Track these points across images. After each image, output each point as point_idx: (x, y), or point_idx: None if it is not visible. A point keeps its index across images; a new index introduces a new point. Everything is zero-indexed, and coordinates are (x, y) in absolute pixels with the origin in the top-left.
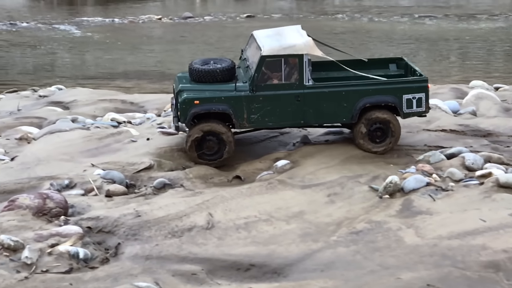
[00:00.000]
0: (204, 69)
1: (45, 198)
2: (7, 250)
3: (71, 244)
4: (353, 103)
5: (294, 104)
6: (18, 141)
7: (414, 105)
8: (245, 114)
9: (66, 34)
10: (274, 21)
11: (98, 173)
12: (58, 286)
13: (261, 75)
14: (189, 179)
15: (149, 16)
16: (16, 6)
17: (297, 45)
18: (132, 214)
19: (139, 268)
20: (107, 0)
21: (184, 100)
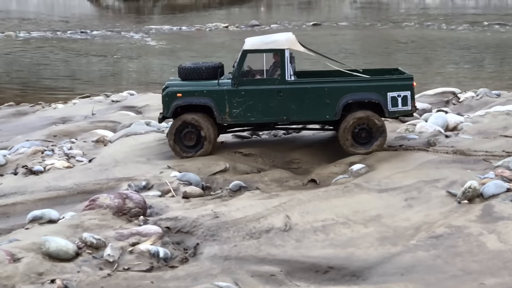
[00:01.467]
0: (190, 67)
1: (124, 198)
2: (89, 248)
3: (151, 243)
4: (336, 100)
5: (276, 99)
6: (95, 143)
7: (400, 103)
8: (227, 108)
9: (135, 42)
10: (340, 29)
11: (175, 175)
12: (140, 284)
13: (244, 69)
14: (264, 182)
15: (216, 24)
16: (86, 15)
17: (278, 40)
18: (210, 215)
19: (218, 268)
20: (173, 9)
21: (167, 93)
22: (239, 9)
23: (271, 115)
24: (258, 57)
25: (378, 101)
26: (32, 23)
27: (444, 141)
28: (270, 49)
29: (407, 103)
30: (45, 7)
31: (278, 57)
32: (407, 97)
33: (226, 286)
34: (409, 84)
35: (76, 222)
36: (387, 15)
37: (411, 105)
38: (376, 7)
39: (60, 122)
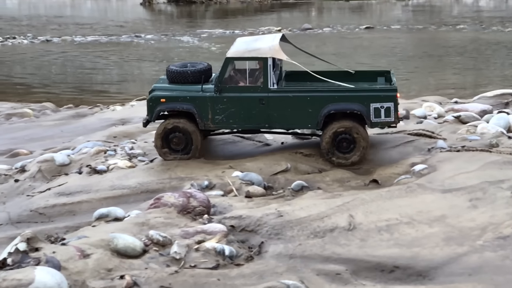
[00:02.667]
0: (176, 70)
1: (189, 197)
2: (156, 245)
3: (216, 241)
4: (318, 110)
5: (258, 107)
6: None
7: (382, 114)
8: (209, 115)
9: (188, 46)
10: (393, 32)
11: (236, 175)
12: (206, 281)
13: (227, 76)
14: (325, 182)
15: (269, 28)
16: (139, 19)
17: (261, 48)
18: (274, 214)
19: (283, 267)
20: (225, 14)
21: (151, 98)
22: (290, 13)
23: (253, 122)
24: (242, 64)
25: (361, 112)
26: (87, 28)
27: (507, 142)
28: (253, 57)
29: (390, 114)
30: (99, 13)
31: (261, 64)
32: (390, 109)
33: (292, 284)
34: (393, 96)
35: (141, 220)
36: (440, 18)
37: (394, 116)
38: (428, 10)
39: (120, 124)
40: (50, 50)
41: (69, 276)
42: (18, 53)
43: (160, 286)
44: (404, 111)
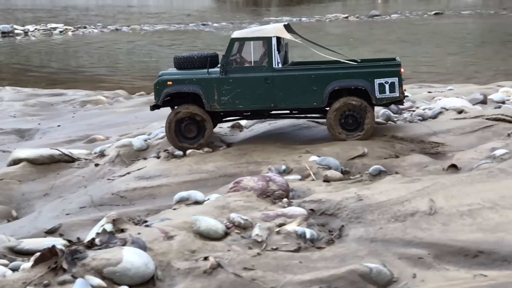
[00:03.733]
0: (183, 56)
1: (268, 181)
2: (238, 228)
3: (297, 224)
4: (322, 87)
5: (263, 86)
6: (230, 129)
7: (387, 90)
8: (215, 96)
9: None
10: (464, 17)
11: (313, 159)
12: (289, 264)
13: (233, 58)
14: (403, 166)
15: (336, 15)
16: (205, 8)
17: (265, 28)
18: (354, 198)
19: (364, 250)
20: (290, 1)
21: (158, 81)
22: (356, 1)
23: (259, 102)
24: (247, 46)
25: (365, 87)
26: (155, 17)
27: None
28: (257, 37)
29: (394, 89)
30: (164, 2)
31: (265, 43)
32: (395, 84)
33: (375, 268)
34: (397, 71)
35: (222, 203)
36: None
37: (399, 91)
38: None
39: None
40: (118, 39)
41: (154, 256)
42: (89, 42)
43: (244, 268)
44: (481, 96)
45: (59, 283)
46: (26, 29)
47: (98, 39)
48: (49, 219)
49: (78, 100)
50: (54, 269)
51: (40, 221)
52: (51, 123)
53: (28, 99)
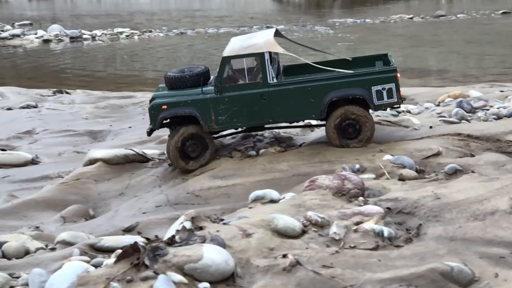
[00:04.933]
0: (174, 76)
1: (343, 179)
2: (315, 226)
3: (374, 222)
4: (320, 98)
5: (260, 103)
6: (301, 129)
7: (385, 96)
8: (212, 116)
9: (321, 35)
10: None
11: (387, 158)
12: (367, 262)
13: (226, 76)
14: (479, 165)
15: (400, 16)
16: (269, 10)
17: (257, 44)
18: (431, 197)
19: (444, 249)
20: (353, 3)
21: (153, 106)
22: (419, 1)
23: (257, 119)
24: (239, 62)
25: (363, 96)
26: (219, 20)
27: None
28: (249, 54)
29: (392, 95)
30: (227, 6)
31: (258, 59)
32: (392, 89)
33: (456, 266)
34: (393, 76)
35: (298, 202)
36: None
37: (397, 97)
38: None
39: None
40: (183, 42)
41: (233, 254)
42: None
43: (322, 265)
44: None
45: (141, 279)
46: (93, 34)
47: (163, 42)
48: (126, 218)
49: (147, 102)
50: (137, 265)
51: (117, 219)
52: (122, 124)
53: (99, 102)
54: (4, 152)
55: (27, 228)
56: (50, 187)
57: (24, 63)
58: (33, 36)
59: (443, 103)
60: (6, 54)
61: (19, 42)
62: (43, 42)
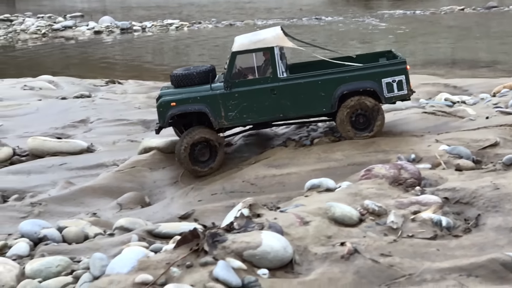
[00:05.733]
0: (181, 74)
1: (399, 169)
2: (372, 215)
3: (432, 212)
4: (330, 92)
5: (270, 98)
6: None
7: (395, 88)
8: (222, 112)
9: (371, 27)
10: None
11: (443, 149)
12: (426, 251)
13: (235, 71)
14: None
15: (451, 7)
16: (315, 2)
17: (266, 38)
18: (490, 187)
19: (504, 239)
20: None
21: (161, 103)
22: None
23: (267, 114)
24: (248, 57)
25: (373, 88)
26: (268, 12)
27: None
28: (259, 48)
29: (402, 87)
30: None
31: (268, 54)
32: (402, 82)
33: None
34: (403, 68)
35: (354, 190)
36: None
37: (407, 89)
38: None
39: None
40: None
41: (291, 241)
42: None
43: (380, 254)
44: None
45: (201, 264)
46: (143, 25)
47: (212, 34)
48: (182, 205)
49: None
50: (196, 251)
51: (172, 207)
52: None
53: (151, 92)
54: (61, 140)
55: (85, 214)
56: (106, 175)
57: (76, 54)
58: (85, 28)
59: (499, 94)
60: (59, 45)
61: (71, 34)
62: (94, 34)
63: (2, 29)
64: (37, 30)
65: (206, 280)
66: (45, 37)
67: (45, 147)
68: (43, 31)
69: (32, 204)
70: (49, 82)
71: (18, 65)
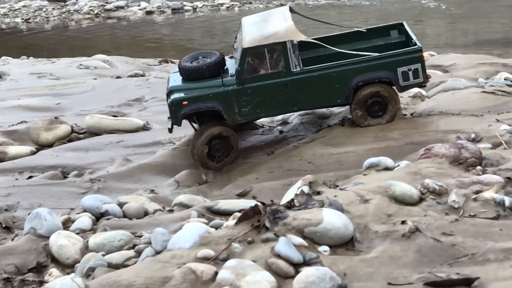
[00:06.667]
0: (191, 67)
1: (460, 148)
2: (432, 194)
3: (494, 192)
4: (345, 84)
5: (284, 92)
6: (412, 98)
7: (411, 77)
8: (235, 109)
9: (422, 6)
10: None
11: (504, 128)
12: (488, 231)
13: (247, 67)
14: None
15: None
16: None
17: (278, 32)
18: None
19: None
20: None
21: (173, 102)
22: None
23: (281, 108)
24: (261, 52)
25: (389, 78)
26: None
27: None
28: (271, 43)
29: (418, 75)
30: None
31: (280, 48)
32: (418, 70)
33: None
34: (419, 57)
35: (413, 169)
36: None
37: (423, 76)
38: None
39: None
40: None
41: (352, 219)
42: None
43: (442, 233)
44: None
45: (262, 240)
46: (194, 5)
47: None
48: (239, 183)
49: None
50: (257, 228)
51: (230, 184)
52: None
53: None
54: (117, 118)
55: (143, 191)
56: (163, 152)
57: (128, 34)
58: (136, 8)
59: None
60: (111, 25)
61: (123, 14)
62: (146, 14)
63: (56, 9)
64: (90, 10)
65: (268, 256)
66: (97, 17)
67: (102, 124)
68: (96, 11)
69: (91, 180)
70: (104, 61)
71: (71, 45)
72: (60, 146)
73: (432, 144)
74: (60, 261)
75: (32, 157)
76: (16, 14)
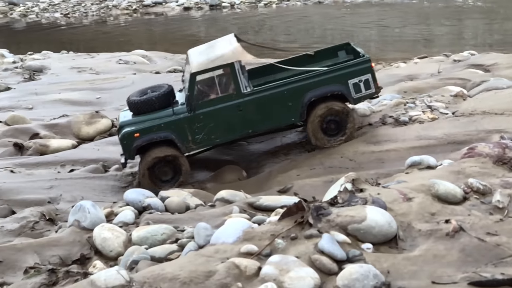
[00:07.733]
0: (140, 100)
1: (504, 148)
2: (476, 193)
3: None
4: (298, 100)
5: (237, 115)
6: (453, 97)
7: (363, 88)
8: (189, 137)
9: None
10: None
11: None
12: None
13: (197, 92)
14: None
15: None
16: None
17: (225, 54)
18: None
19: None
20: None
21: (124, 135)
22: None
23: (236, 132)
24: (208, 76)
25: (341, 91)
26: None
27: None
28: (219, 66)
29: (370, 86)
30: None
31: (228, 70)
32: (369, 80)
33: None
34: (368, 67)
35: (456, 168)
36: None
37: (374, 87)
38: None
39: (407, 79)
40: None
41: (395, 217)
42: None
43: (487, 233)
44: None
45: (305, 236)
46: (232, 2)
47: (300, 11)
48: (280, 179)
49: None
50: (300, 224)
51: (271, 181)
52: None
53: None
54: None
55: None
56: None
57: (167, 29)
58: (174, 4)
59: None
60: (149, 20)
61: (161, 10)
62: (184, 10)
63: (95, 4)
64: (128, 6)
65: (311, 252)
66: (135, 13)
67: None
68: (134, 6)
69: (132, 174)
70: (143, 56)
71: (110, 40)
72: (101, 140)
73: (475, 143)
74: (104, 253)
75: (74, 150)
76: (55, 9)
